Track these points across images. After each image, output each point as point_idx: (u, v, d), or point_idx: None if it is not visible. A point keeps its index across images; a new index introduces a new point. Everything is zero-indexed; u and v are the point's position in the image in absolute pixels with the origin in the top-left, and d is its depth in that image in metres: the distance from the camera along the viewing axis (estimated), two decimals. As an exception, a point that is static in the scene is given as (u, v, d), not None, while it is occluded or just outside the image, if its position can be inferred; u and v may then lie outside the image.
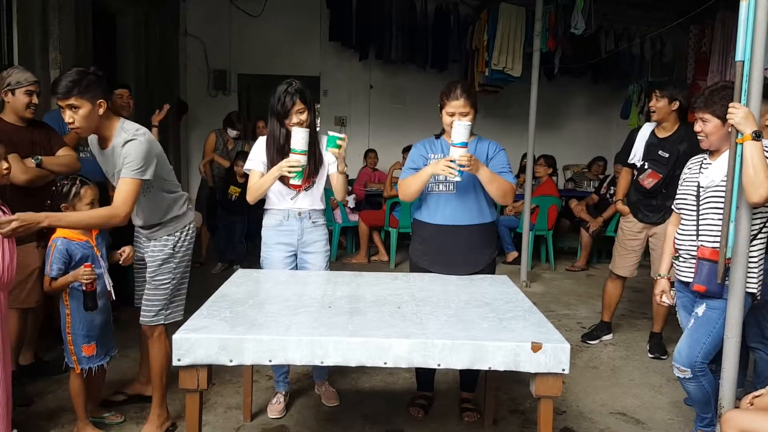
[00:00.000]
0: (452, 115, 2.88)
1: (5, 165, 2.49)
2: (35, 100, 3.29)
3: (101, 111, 2.61)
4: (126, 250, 2.85)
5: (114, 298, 2.84)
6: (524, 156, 6.64)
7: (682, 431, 3.03)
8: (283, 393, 3.24)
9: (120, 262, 2.86)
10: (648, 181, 3.99)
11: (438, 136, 3.10)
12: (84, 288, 2.64)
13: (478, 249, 3.02)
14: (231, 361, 1.98)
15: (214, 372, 2.88)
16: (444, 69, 8.36)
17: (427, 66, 8.43)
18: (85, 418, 2.83)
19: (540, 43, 6.01)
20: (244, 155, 6.07)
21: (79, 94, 2.53)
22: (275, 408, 3.17)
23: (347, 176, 3.17)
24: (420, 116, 8.19)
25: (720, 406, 2.57)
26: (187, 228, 2.94)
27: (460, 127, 2.71)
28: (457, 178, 2.77)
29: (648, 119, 4.16)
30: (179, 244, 2.89)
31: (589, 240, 6.77)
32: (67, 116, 2.57)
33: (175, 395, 3.08)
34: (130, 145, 2.62)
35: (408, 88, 8.87)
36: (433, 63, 8.41)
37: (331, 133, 2.98)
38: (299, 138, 2.86)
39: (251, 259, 6.60)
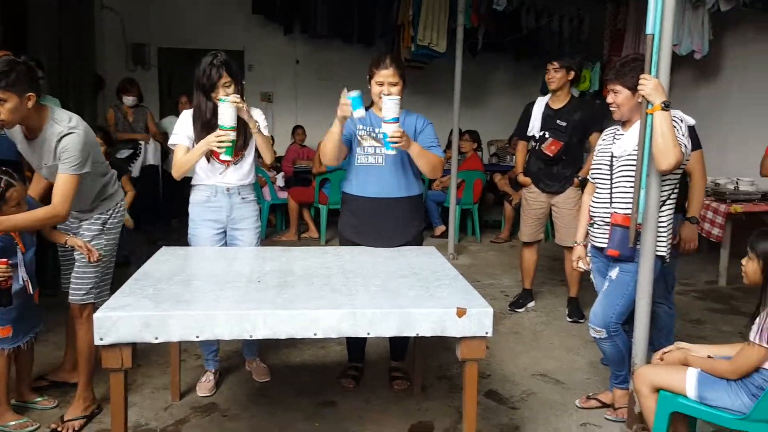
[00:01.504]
0: (381, 84, 2.89)
1: None
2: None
3: (30, 104, 2.48)
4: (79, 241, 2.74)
5: (31, 291, 2.70)
6: (451, 132, 6.74)
7: (599, 389, 3.20)
8: (213, 371, 3.21)
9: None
10: (551, 148, 4.21)
11: (367, 109, 3.10)
12: None
13: (406, 221, 3.06)
14: (156, 338, 1.94)
15: (141, 353, 2.82)
16: (371, 44, 8.34)
17: (354, 41, 8.38)
18: (5, 403, 2.71)
19: (464, 18, 6.08)
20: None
21: (6, 87, 2.39)
22: (205, 386, 3.14)
23: (266, 135, 3.08)
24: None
25: (633, 363, 2.73)
26: (117, 206, 2.88)
27: (390, 103, 2.71)
28: (390, 152, 2.80)
29: (544, 92, 4.38)
30: (110, 221, 2.83)
31: (512, 212, 6.98)
32: None
33: (99, 377, 2.99)
34: (68, 140, 2.52)
35: (335, 63, 8.79)
36: (359, 38, 8.36)
37: (222, 97, 2.86)
38: (227, 113, 2.78)
39: (178, 236, 6.47)
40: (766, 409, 2.09)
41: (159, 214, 6.92)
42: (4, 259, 2.49)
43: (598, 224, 2.89)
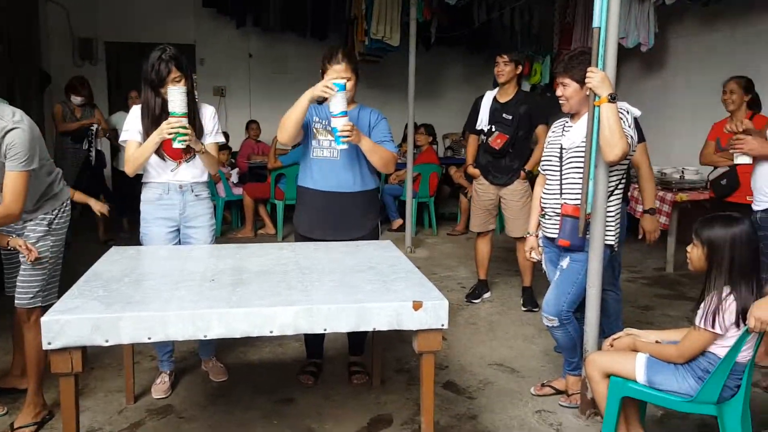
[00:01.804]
0: (336, 78, 2.87)
1: None
2: None
3: None
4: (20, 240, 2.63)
5: None
6: (406, 125, 6.77)
7: (553, 376, 3.27)
8: (168, 372, 3.16)
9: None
10: (497, 141, 4.29)
11: (320, 103, 3.09)
12: None
13: (361, 215, 3.07)
14: (107, 341, 1.89)
15: (93, 356, 2.75)
16: (325, 38, 8.29)
17: (308, 34, 8.32)
18: None
19: (416, 12, 6.10)
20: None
21: None
22: (160, 388, 3.08)
23: (214, 139, 3.05)
24: (303, 86, 7.85)
25: (585, 350, 2.80)
26: (63, 205, 2.78)
27: (337, 97, 2.70)
28: (343, 147, 2.78)
29: (497, 85, 4.46)
30: (56, 221, 2.74)
31: (467, 205, 7.00)
32: None
33: (50, 382, 2.91)
34: (13, 136, 2.44)
35: (289, 57, 8.72)
36: (313, 32, 8.31)
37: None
38: (177, 99, 2.73)
39: (129, 235, 6.33)
40: (712, 391, 2.17)
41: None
42: None
43: (549, 215, 2.95)
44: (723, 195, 4.10)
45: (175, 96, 2.73)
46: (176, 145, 2.82)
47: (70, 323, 1.86)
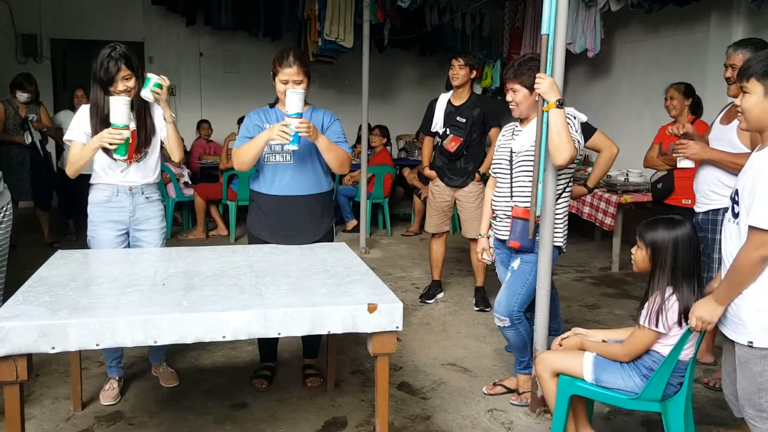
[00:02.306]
0: (286, 83, 2.86)
1: None
2: None
3: None
4: None
5: None
6: (360, 127, 6.78)
7: (504, 375, 3.33)
8: (117, 378, 3.09)
9: None
10: (451, 144, 4.35)
11: (272, 105, 3.07)
12: None
13: (316, 218, 3.06)
14: (53, 348, 1.85)
15: (39, 363, 2.67)
16: (278, 37, 8.21)
17: (260, 34, 8.23)
18: None
19: (369, 14, 6.12)
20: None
21: None
22: (108, 394, 3.01)
23: (176, 128, 2.99)
24: (255, 86, 7.98)
25: (535, 349, 2.87)
26: (4, 209, 2.66)
27: (294, 97, 2.68)
28: (294, 147, 2.76)
29: (449, 87, 4.52)
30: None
31: (421, 206, 7.10)
32: None
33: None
34: None
35: (241, 56, 8.63)
36: (266, 31, 8.21)
37: (149, 74, 2.78)
38: (119, 110, 2.64)
39: (75, 238, 6.15)
40: (656, 389, 2.26)
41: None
42: None
43: (500, 217, 3.01)
44: (659, 197, 4.27)
45: (117, 106, 2.64)
46: (116, 156, 2.76)
47: (14, 330, 1.81)
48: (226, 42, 8.53)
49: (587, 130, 3.31)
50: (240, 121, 6.92)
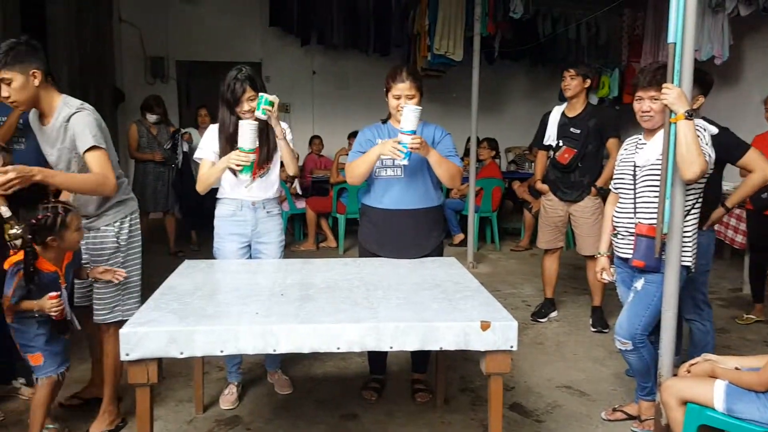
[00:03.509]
0: (398, 98, 2.89)
1: None
2: (18, 110, 3.05)
3: (36, 82, 2.52)
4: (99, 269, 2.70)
5: (78, 327, 2.65)
6: (468, 139, 6.74)
7: (624, 401, 3.16)
8: (236, 383, 3.22)
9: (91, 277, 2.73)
10: (564, 156, 4.21)
11: (384, 121, 3.11)
12: (54, 317, 2.49)
13: (426, 232, 3.05)
14: (181, 353, 1.95)
15: (164, 366, 2.82)
16: (387, 54, 8.36)
17: (370, 51, 8.42)
18: None
19: (480, 27, 6.08)
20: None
21: (7, 66, 2.45)
22: (228, 399, 3.14)
23: (289, 143, 3.05)
24: (364, 102, 8.16)
25: (659, 375, 2.69)
26: (129, 218, 2.82)
27: (410, 114, 2.68)
28: (404, 162, 2.77)
29: (562, 99, 4.38)
30: (123, 235, 2.78)
31: (532, 220, 6.93)
32: (3, 91, 2.49)
33: (123, 391, 3.01)
34: (78, 117, 2.56)
35: (351, 73, 8.84)
36: (375, 48, 8.39)
37: (260, 93, 2.87)
38: (247, 135, 2.73)
39: (197, 248, 6.51)
40: (798, 422, 2.05)
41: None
42: (54, 293, 2.47)
43: (622, 234, 2.86)
44: (763, 208, 4.09)
45: (245, 131, 2.74)
46: (241, 177, 2.88)
47: (147, 335, 1.92)
48: (337, 60, 8.78)
49: (736, 147, 3.09)
50: (350, 136, 7.10)
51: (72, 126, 2.55)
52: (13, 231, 2.42)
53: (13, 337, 2.58)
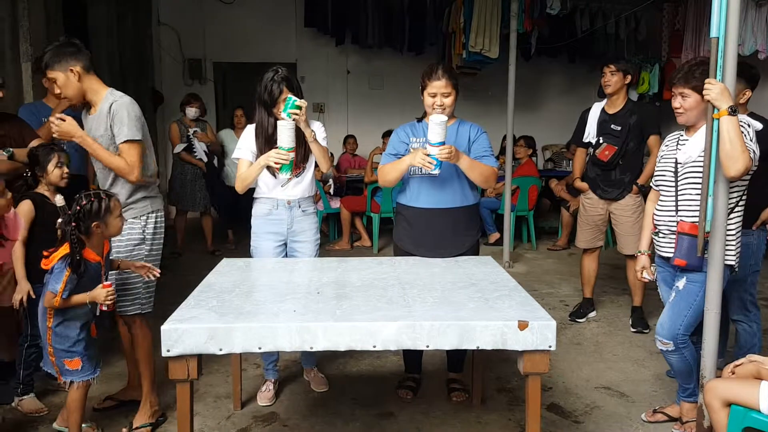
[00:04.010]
0: (434, 96, 2.88)
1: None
2: (1, 94, 3.21)
3: (76, 78, 2.71)
4: (137, 263, 2.77)
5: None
6: (504, 137, 6.68)
7: (665, 402, 3.09)
8: (273, 380, 3.25)
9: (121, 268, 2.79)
10: (605, 153, 4.14)
11: (420, 120, 3.10)
12: (106, 309, 2.53)
13: (461, 231, 3.04)
14: (221, 350, 1.98)
15: (202, 362, 2.83)
16: (421, 52, 8.34)
17: (404, 49, 8.40)
18: None
19: (517, 24, 6.01)
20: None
21: (50, 67, 2.69)
22: (265, 395, 3.18)
23: (321, 144, 3.06)
24: (398, 100, 8.17)
25: (702, 376, 2.63)
26: (155, 214, 2.90)
27: (436, 127, 2.68)
28: (435, 172, 2.77)
29: (601, 95, 4.30)
30: (148, 230, 2.87)
31: (569, 219, 6.84)
32: (56, 89, 2.75)
33: (163, 387, 3.07)
34: (119, 104, 2.73)
35: (385, 72, 8.85)
36: (410, 46, 8.38)
37: (289, 94, 2.88)
38: (285, 135, 2.78)
39: (234, 246, 6.60)
40: None
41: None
42: (108, 282, 2.52)
43: (664, 233, 2.80)
44: None
45: (284, 130, 2.79)
46: (281, 175, 2.91)
47: (187, 332, 1.96)
48: (371, 59, 8.80)
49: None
50: (385, 135, 7.10)
51: (114, 112, 2.72)
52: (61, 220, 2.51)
53: (49, 344, 2.55)
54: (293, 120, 2.85)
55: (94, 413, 3.02)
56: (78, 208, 2.48)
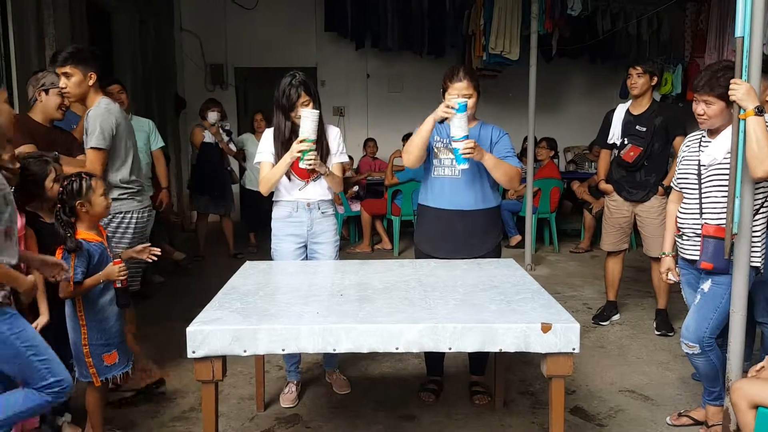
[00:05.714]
0: (456, 98, 2.88)
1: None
2: (67, 102, 3.30)
3: (91, 82, 3.09)
4: (138, 248, 2.82)
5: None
6: (525, 139, 6.65)
7: (691, 406, 3.05)
8: (295, 382, 3.27)
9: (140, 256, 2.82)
10: (630, 154, 4.10)
11: (442, 122, 3.10)
12: (120, 285, 2.56)
13: (482, 233, 3.04)
14: (245, 351, 2.00)
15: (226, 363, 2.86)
16: (441, 55, 8.34)
17: (424, 52, 8.40)
18: None
19: (537, 25, 5.99)
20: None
21: (73, 63, 3.01)
22: (288, 397, 3.20)
23: (333, 175, 3.11)
24: (418, 103, 8.10)
25: (728, 379, 2.60)
26: (122, 215, 3.19)
27: (458, 122, 2.69)
28: (464, 166, 2.78)
29: (623, 96, 4.26)
30: (110, 227, 3.14)
31: (592, 221, 6.78)
32: (62, 82, 3.04)
33: (187, 388, 3.11)
34: (92, 113, 3.07)
35: (405, 75, 8.86)
36: (429, 49, 8.38)
37: (303, 150, 2.89)
38: (307, 125, 2.85)
39: (255, 249, 6.65)
40: None
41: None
42: (117, 259, 2.56)
43: (688, 236, 2.77)
44: None
45: (307, 121, 2.85)
46: (302, 165, 2.93)
47: (213, 334, 1.98)
48: (391, 62, 8.81)
49: None
50: (405, 138, 7.10)
51: (87, 120, 3.04)
52: None
53: (81, 342, 2.54)
54: (309, 167, 2.94)
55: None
56: (60, 189, 2.54)
